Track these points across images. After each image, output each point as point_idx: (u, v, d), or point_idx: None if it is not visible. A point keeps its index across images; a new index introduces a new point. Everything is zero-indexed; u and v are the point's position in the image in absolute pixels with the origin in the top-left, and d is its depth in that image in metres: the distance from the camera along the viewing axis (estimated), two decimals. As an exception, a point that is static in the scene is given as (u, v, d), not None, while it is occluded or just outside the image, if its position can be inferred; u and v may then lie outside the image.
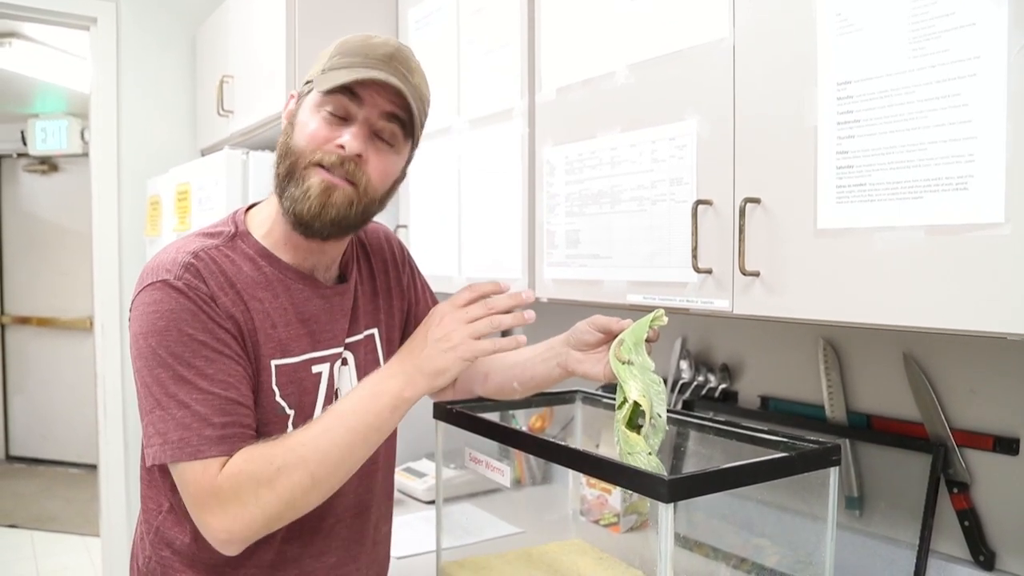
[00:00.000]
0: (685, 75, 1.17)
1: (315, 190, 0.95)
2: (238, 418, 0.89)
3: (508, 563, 1.36)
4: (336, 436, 0.89)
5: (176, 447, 0.86)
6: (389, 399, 0.91)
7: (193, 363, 0.88)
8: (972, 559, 1.18)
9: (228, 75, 2.34)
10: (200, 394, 0.87)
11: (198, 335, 0.89)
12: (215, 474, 0.86)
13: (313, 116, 0.96)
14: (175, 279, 0.90)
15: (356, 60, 0.95)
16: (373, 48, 0.96)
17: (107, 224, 2.70)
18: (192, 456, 0.86)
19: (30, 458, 5.16)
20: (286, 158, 0.97)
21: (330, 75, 0.95)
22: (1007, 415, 1.15)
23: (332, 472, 0.89)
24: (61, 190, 5.10)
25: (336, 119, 0.95)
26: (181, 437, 0.86)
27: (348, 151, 0.94)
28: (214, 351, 0.89)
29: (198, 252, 0.94)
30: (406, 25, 1.92)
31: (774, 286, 1.04)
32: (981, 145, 0.82)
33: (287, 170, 0.96)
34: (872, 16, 0.92)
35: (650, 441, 0.95)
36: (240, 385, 0.91)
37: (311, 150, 0.95)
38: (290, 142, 0.97)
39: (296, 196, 0.95)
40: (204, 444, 0.86)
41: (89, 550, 3.70)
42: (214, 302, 0.91)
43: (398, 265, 1.20)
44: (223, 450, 0.87)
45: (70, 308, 4.98)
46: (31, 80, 4.19)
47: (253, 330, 0.95)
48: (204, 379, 0.88)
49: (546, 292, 1.48)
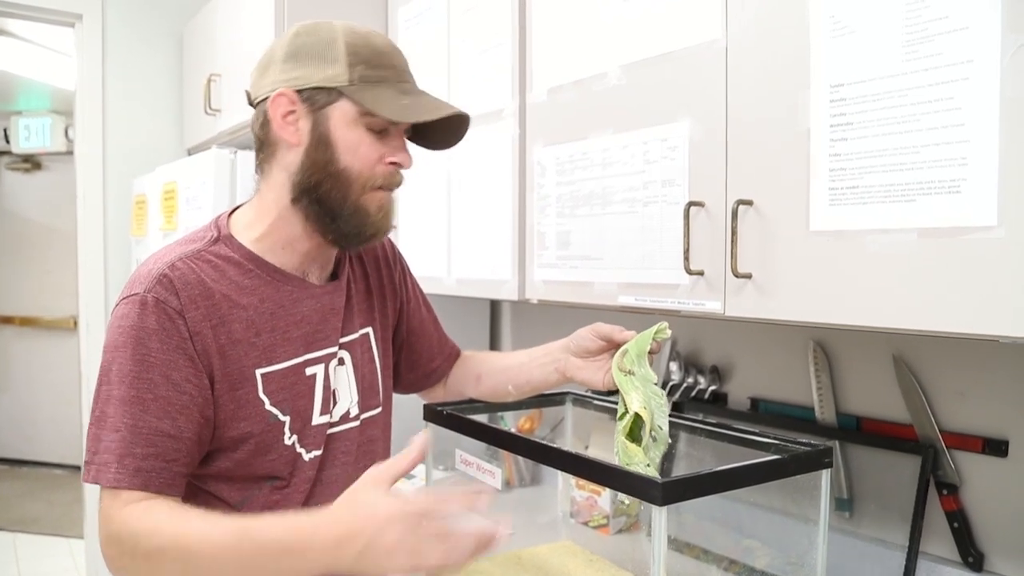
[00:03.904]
0: (677, 76, 1.17)
1: (381, 213, 0.98)
2: (163, 451, 0.87)
3: (498, 565, 1.36)
4: (226, 565, 0.80)
5: (97, 469, 0.86)
6: (292, 568, 0.79)
7: (136, 385, 0.87)
8: (961, 560, 1.18)
9: (215, 73, 2.32)
10: (132, 420, 0.86)
11: (149, 356, 0.88)
12: (119, 507, 0.85)
13: (355, 132, 0.95)
14: (146, 292, 0.89)
15: (388, 73, 0.96)
16: (391, 56, 0.97)
17: (92, 223, 2.68)
18: (107, 483, 0.86)
19: (12, 459, 5.10)
20: (337, 182, 0.95)
21: (378, 93, 0.94)
22: (996, 417, 1.16)
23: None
24: (45, 189, 5.05)
25: (376, 132, 0.96)
26: (104, 461, 0.86)
27: (406, 167, 0.98)
28: (162, 375, 0.88)
29: (175, 263, 0.92)
30: (395, 24, 1.91)
31: (766, 288, 1.04)
32: (974, 148, 0.82)
33: (342, 196, 0.95)
34: (865, 19, 0.92)
35: (650, 454, 0.95)
36: (178, 416, 0.88)
37: (368, 175, 0.95)
38: (338, 164, 0.94)
39: (362, 223, 0.97)
40: (120, 473, 0.85)
41: (73, 553, 3.66)
42: (182, 317, 0.89)
43: (390, 263, 1.19)
44: (135, 483, 0.85)
45: (54, 308, 4.93)
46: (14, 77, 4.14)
47: (231, 343, 0.93)
48: (140, 405, 0.87)
49: (536, 293, 1.48)
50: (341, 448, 1.03)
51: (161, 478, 0.87)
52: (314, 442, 1.00)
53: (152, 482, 0.86)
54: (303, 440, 0.98)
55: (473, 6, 1.64)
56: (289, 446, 0.97)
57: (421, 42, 1.80)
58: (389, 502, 0.77)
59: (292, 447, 0.97)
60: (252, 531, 0.81)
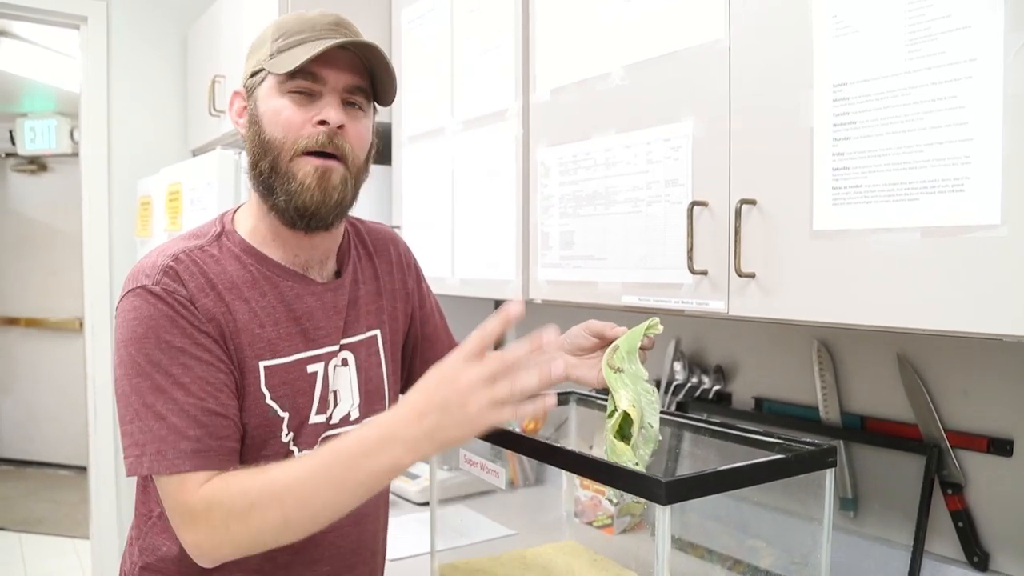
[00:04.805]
0: (680, 76, 1.17)
1: (312, 179, 0.93)
2: (214, 429, 0.87)
3: (502, 565, 1.36)
4: (319, 485, 0.81)
5: (152, 460, 0.85)
6: (388, 463, 0.80)
7: (170, 371, 0.87)
8: (966, 560, 1.18)
9: (220, 75, 2.33)
10: (176, 405, 0.86)
11: (175, 341, 0.87)
12: (192, 489, 0.85)
13: (278, 101, 0.94)
14: (153, 284, 0.89)
15: (303, 37, 0.93)
16: (314, 21, 0.95)
17: (97, 225, 2.69)
18: (167, 470, 0.85)
19: (18, 460, 5.12)
20: (266, 154, 0.94)
21: (283, 57, 0.93)
22: (1001, 416, 1.15)
23: (309, 519, 0.83)
24: (50, 190, 5.07)
25: (303, 97, 0.93)
26: (158, 450, 0.85)
27: (333, 123, 0.93)
28: (192, 357, 0.88)
29: (178, 255, 0.93)
30: (399, 25, 1.91)
31: (770, 287, 1.04)
32: (977, 147, 0.82)
33: (271, 166, 0.94)
34: (868, 18, 0.91)
35: (639, 451, 0.95)
36: (219, 393, 0.89)
37: (292, 138, 0.93)
38: (264, 136, 0.94)
39: (292, 190, 0.93)
40: (179, 458, 0.85)
41: (79, 553, 3.67)
42: (193, 305, 0.90)
43: (404, 268, 1.19)
44: (197, 464, 0.85)
45: (59, 309, 4.95)
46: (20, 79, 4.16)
47: (236, 332, 0.93)
48: (180, 389, 0.87)
49: (540, 293, 1.48)
50: None
51: (219, 455, 0.87)
52: (307, 442, 0.99)
53: (212, 460, 0.86)
54: (298, 439, 0.98)
55: (477, 7, 1.64)
56: (284, 443, 0.97)
57: (424, 43, 1.80)
58: (459, 364, 0.79)
59: (287, 444, 0.97)
60: (334, 446, 0.82)
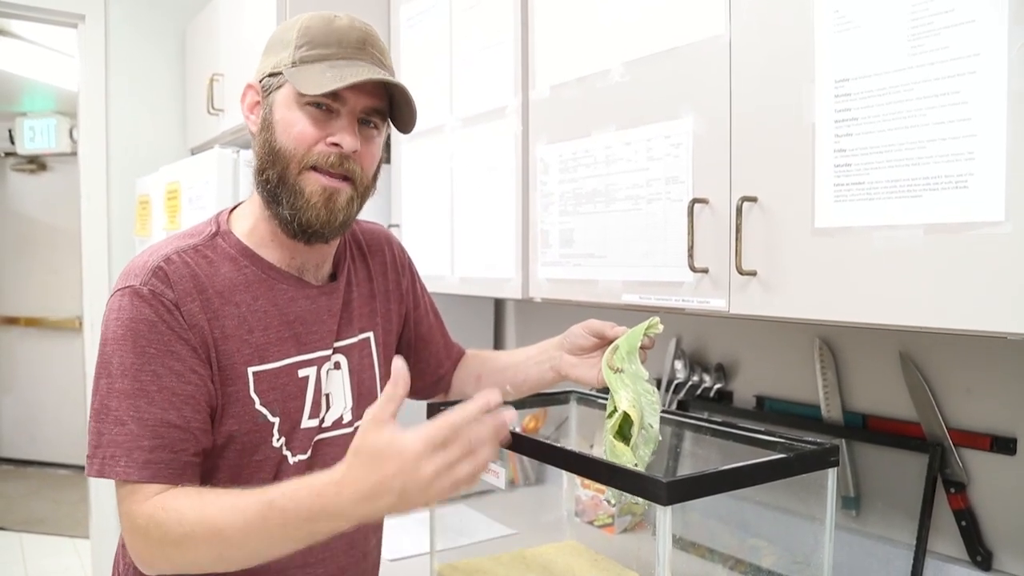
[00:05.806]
0: (681, 72, 1.16)
1: (318, 198, 0.92)
2: (171, 442, 0.86)
3: (502, 565, 1.35)
4: (252, 535, 0.80)
5: (102, 463, 0.85)
6: (330, 529, 0.79)
7: (139, 378, 0.86)
8: (969, 559, 1.17)
9: (218, 73, 2.32)
10: (137, 413, 0.86)
11: (150, 348, 0.87)
12: (139, 500, 0.84)
13: (294, 113, 0.92)
14: (141, 284, 0.89)
15: (330, 51, 0.92)
16: (342, 33, 0.93)
17: (96, 223, 2.68)
18: (116, 476, 0.85)
19: (18, 459, 5.11)
20: (275, 163, 0.93)
21: (308, 71, 0.91)
22: (1004, 415, 1.15)
23: (245, 560, 0.83)
24: (50, 189, 5.06)
25: (320, 112, 0.92)
26: (112, 454, 0.85)
27: (347, 150, 0.92)
28: (164, 366, 0.87)
29: (170, 256, 0.92)
30: (398, 22, 1.91)
31: (771, 285, 1.03)
32: (981, 143, 0.81)
33: (279, 176, 0.93)
34: (870, 13, 0.91)
35: (639, 452, 0.94)
36: (184, 406, 0.88)
37: (302, 153, 0.92)
38: (275, 145, 0.93)
39: (298, 205, 0.92)
40: (130, 467, 0.85)
41: (79, 552, 3.67)
42: (179, 309, 0.89)
43: (398, 268, 1.18)
44: (146, 476, 0.85)
45: (59, 308, 4.94)
46: (19, 78, 4.16)
47: (224, 338, 0.92)
48: (145, 397, 0.86)
49: (540, 292, 1.47)
50: (331, 454, 1.00)
51: (171, 469, 0.86)
52: (300, 446, 0.98)
53: (162, 473, 0.86)
54: (290, 443, 0.97)
55: (475, 3, 1.63)
56: (276, 448, 0.96)
57: (423, 40, 1.80)
58: (410, 438, 0.74)
59: (279, 449, 0.96)
60: (277, 503, 0.79)
